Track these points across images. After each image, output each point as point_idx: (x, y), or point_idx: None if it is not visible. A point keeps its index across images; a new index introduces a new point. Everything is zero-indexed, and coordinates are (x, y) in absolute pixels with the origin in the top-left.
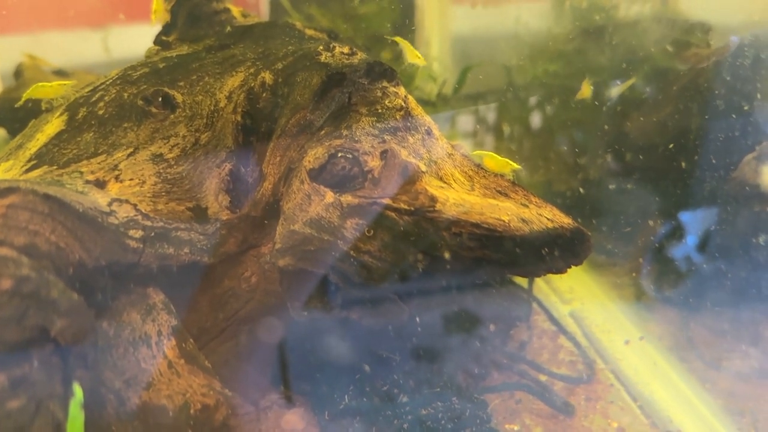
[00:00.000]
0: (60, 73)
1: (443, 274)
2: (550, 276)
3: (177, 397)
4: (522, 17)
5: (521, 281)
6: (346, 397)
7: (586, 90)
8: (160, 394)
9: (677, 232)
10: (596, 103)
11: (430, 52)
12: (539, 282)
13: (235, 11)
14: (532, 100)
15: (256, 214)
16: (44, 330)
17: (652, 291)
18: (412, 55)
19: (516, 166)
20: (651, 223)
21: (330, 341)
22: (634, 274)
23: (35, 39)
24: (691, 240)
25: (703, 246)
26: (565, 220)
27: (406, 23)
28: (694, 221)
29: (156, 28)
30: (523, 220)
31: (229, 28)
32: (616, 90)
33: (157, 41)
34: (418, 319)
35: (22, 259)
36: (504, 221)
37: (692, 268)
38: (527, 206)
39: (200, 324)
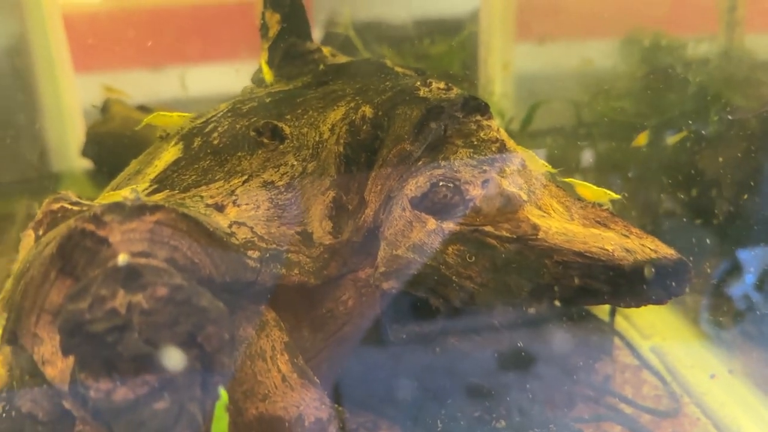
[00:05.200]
0: (143, 109)
1: (537, 304)
2: (629, 311)
3: (291, 409)
4: (588, 54)
5: (603, 316)
6: (438, 422)
7: (641, 138)
8: (276, 406)
9: (755, 268)
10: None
11: (494, 89)
12: (618, 317)
13: (326, 51)
14: (600, 136)
15: (357, 239)
16: (192, 336)
17: (733, 327)
18: (536, 165)
19: (615, 195)
20: (729, 258)
21: (420, 366)
22: (714, 310)
23: (115, 77)
24: None
25: None
26: (667, 251)
27: (472, 61)
28: None
29: (228, 68)
30: (627, 250)
31: (322, 66)
32: (671, 140)
33: (255, 79)
34: (516, 347)
35: (172, 269)
36: (608, 250)
37: None
38: (628, 237)
39: (301, 343)
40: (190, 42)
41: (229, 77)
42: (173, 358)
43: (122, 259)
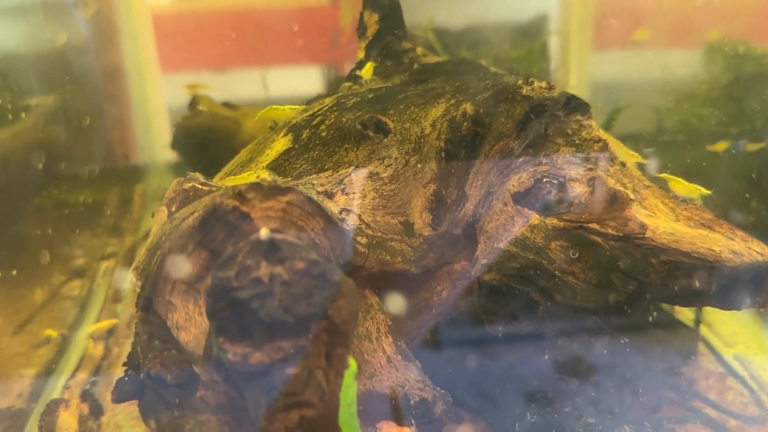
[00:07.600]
0: (228, 105)
1: (639, 302)
2: (712, 319)
3: (397, 388)
4: (668, 63)
5: (687, 321)
6: (528, 414)
7: (720, 144)
8: (382, 384)
9: None
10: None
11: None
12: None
13: (419, 50)
14: (679, 143)
15: (456, 232)
16: (323, 307)
17: None
18: (626, 155)
19: (706, 191)
20: None
21: (507, 360)
22: None
23: (198, 77)
24: None
25: None
26: None
27: (547, 67)
28: None
29: (308, 72)
30: (734, 252)
31: (416, 65)
32: (750, 147)
33: (350, 76)
34: (603, 347)
35: (307, 246)
36: (715, 252)
37: None
38: (733, 239)
39: (398, 329)
40: (269, 44)
41: (307, 79)
42: (306, 327)
43: (264, 233)
